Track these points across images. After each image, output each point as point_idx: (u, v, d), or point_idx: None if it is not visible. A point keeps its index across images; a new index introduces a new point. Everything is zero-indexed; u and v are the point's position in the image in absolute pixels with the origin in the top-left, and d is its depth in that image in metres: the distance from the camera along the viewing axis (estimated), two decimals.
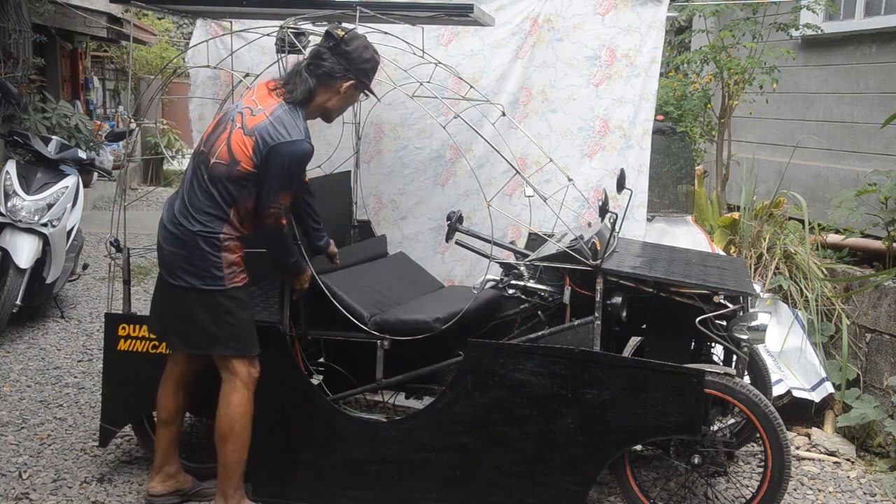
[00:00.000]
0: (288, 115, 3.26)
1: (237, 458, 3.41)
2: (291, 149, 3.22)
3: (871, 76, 6.47)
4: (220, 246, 3.28)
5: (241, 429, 3.39)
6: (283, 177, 3.24)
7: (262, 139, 3.21)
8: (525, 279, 3.55)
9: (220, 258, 3.28)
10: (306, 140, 3.27)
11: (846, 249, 5.49)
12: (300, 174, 3.38)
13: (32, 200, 5.87)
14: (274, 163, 3.22)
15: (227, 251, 3.30)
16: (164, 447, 3.59)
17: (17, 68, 8.40)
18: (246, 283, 3.40)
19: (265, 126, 3.22)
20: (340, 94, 3.38)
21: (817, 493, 4.03)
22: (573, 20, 4.53)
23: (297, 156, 3.25)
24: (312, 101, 3.37)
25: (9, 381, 5.10)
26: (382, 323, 3.57)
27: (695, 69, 6.56)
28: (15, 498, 3.71)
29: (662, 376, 3.28)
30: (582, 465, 3.36)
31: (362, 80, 3.38)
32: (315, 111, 3.43)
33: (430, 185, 4.78)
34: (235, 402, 3.37)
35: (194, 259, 3.28)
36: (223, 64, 4.34)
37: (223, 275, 3.30)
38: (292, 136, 3.22)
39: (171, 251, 3.33)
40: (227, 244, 3.30)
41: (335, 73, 3.33)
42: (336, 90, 3.36)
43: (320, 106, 3.41)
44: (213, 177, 3.26)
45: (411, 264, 4.40)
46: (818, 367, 4.70)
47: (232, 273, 3.32)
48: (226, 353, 3.37)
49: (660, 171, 5.43)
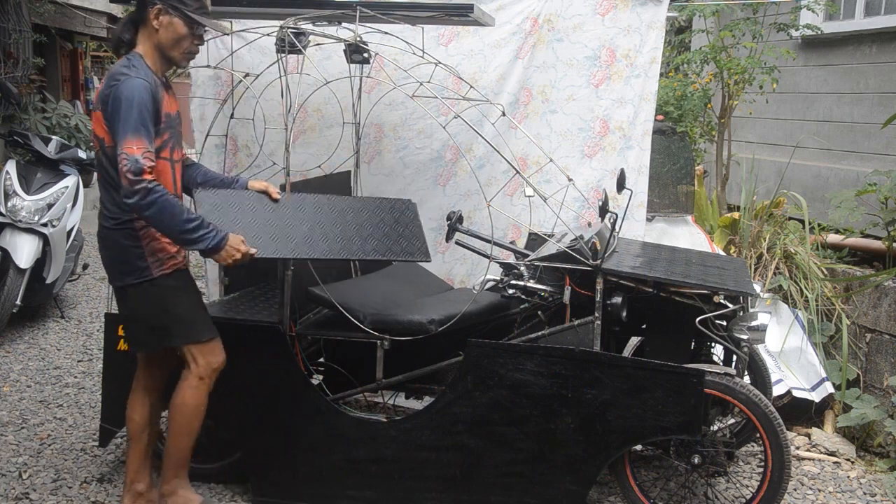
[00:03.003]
0: (117, 66, 3.11)
1: (181, 447, 3.33)
2: (117, 86, 3.02)
3: (871, 76, 6.47)
4: (137, 235, 3.16)
5: (189, 420, 3.29)
6: (121, 119, 2.98)
7: (100, 100, 3.09)
8: (525, 279, 3.55)
9: (142, 247, 3.17)
10: (135, 76, 3.03)
11: (846, 249, 5.49)
12: (140, 112, 3.01)
13: (32, 200, 5.87)
14: (107, 110, 3.04)
15: (149, 238, 3.17)
16: (131, 462, 3.45)
17: (17, 68, 8.41)
18: (179, 269, 3.27)
19: (101, 88, 3.11)
20: (158, 27, 3.14)
21: (817, 493, 4.03)
22: (573, 20, 4.54)
23: (123, 91, 3.00)
24: (141, 46, 3.17)
25: (9, 381, 5.10)
26: (379, 323, 3.57)
27: (695, 69, 6.56)
28: (15, 498, 3.71)
29: (662, 376, 3.28)
30: (582, 465, 3.36)
31: (169, 2, 3.12)
32: (156, 58, 3.19)
33: (430, 185, 4.78)
34: (186, 393, 3.28)
35: (117, 255, 3.20)
36: (223, 64, 4.35)
37: (148, 264, 3.17)
38: (119, 79, 3.04)
39: (103, 256, 3.27)
40: (146, 231, 3.16)
41: (144, 5, 3.14)
42: (151, 24, 3.14)
43: (152, 49, 3.18)
44: (101, 166, 3.17)
45: (417, 269, 4.40)
46: (818, 367, 4.70)
47: (158, 261, 3.19)
48: (174, 343, 3.25)
49: (660, 171, 5.43)
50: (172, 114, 3.26)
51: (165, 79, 3.28)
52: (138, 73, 3.06)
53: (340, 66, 4.28)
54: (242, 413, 3.61)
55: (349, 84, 4.41)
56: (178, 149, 3.32)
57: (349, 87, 4.42)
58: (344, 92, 4.42)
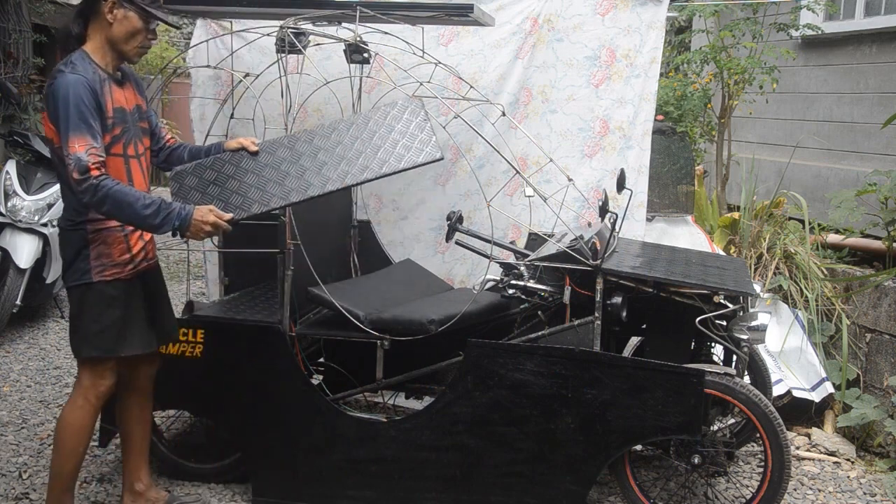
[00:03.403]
0: (61, 64, 3.01)
1: (61, 467, 3.22)
2: (52, 85, 2.95)
3: (871, 76, 6.47)
4: (87, 238, 3.10)
5: (70, 439, 3.19)
6: (60, 118, 2.91)
7: (45, 100, 3.01)
8: (525, 279, 3.55)
9: (89, 250, 3.10)
10: (69, 73, 2.95)
11: (846, 249, 5.49)
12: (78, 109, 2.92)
13: (32, 200, 5.87)
14: (49, 107, 2.97)
15: (98, 242, 3.11)
16: (128, 462, 3.46)
17: (17, 68, 8.40)
18: (120, 279, 3.16)
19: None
20: (113, 20, 3.05)
21: (817, 493, 4.03)
22: (573, 20, 4.54)
23: (58, 89, 2.93)
24: (90, 41, 3.09)
25: (9, 381, 5.10)
26: (379, 323, 3.57)
27: (695, 69, 6.56)
28: (15, 498, 3.71)
29: (662, 376, 3.28)
30: (582, 465, 3.36)
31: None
32: (106, 52, 3.10)
33: (430, 185, 4.78)
34: (69, 412, 3.20)
35: (67, 256, 3.14)
36: (223, 64, 4.35)
37: (90, 267, 3.10)
38: (55, 77, 2.96)
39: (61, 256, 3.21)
40: (97, 235, 3.11)
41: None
42: (104, 17, 3.06)
43: (103, 43, 3.09)
44: (56, 166, 3.11)
45: (417, 269, 4.40)
46: (818, 367, 4.70)
47: (101, 266, 3.11)
48: (90, 355, 3.15)
49: (660, 171, 5.43)
50: (128, 108, 3.17)
51: (119, 73, 3.19)
52: (74, 69, 2.98)
53: (340, 66, 4.28)
54: (242, 413, 3.61)
55: (349, 84, 4.41)
56: (138, 144, 3.22)
57: (349, 87, 4.43)
58: (344, 92, 4.42)
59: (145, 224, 3.00)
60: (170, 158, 3.46)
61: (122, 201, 2.92)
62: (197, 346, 3.59)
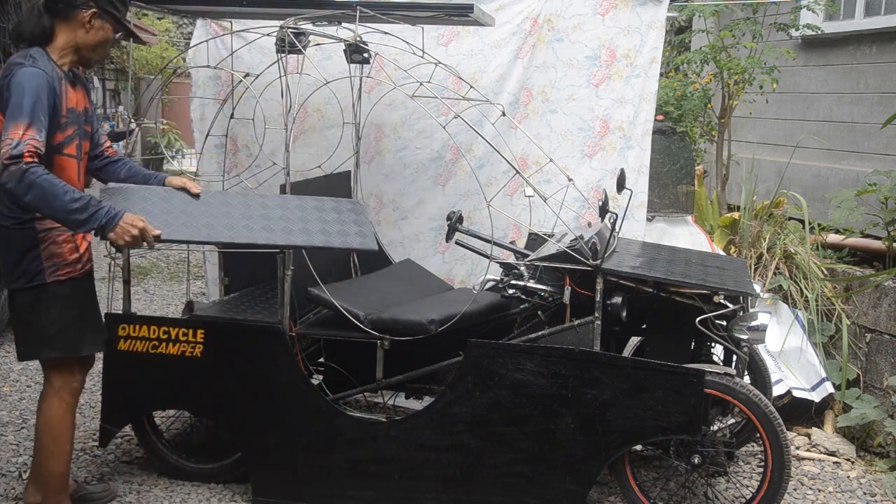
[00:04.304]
0: (14, 57, 2.99)
1: (51, 469, 3.23)
2: (13, 75, 2.92)
3: (871, 76, 6.48)
4: (37, 238, 3.05)
5: (54, 441, 3.20)
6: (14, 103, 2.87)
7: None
8: (525, 279, 3.55)
9: (39, 250, 3.05)
10: (30, 66, 2.93)
11: (846, 249, 5.49)
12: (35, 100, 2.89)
13: None
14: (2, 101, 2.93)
15: (48, 242, 3.07)
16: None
17: None
18: (74, 277, 3.14)
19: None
20: (86, 27, 3.06)
21: (817, 493, 4.03)
22: (573, 20, 4.54)
23: (21, 79, 2.89)
24: (54, 40, 3.07)
25: (9, 381, 5.10)
26: (378, 322, 3.57)
27: (695, 69, 6.56)
28: (15, 498, 3.71)
29: (662, 376, 3.28)
30: (582, 465, 3.36)
31: (106, 9, 3.09)
32: (67, 52, 3.10)
33: (430, 185, 4.78)
34: (46, 413, 3.20)
35: (13, 256, 3.07)
36: (223, 64, 4.35)
37: (42, 268, 3.06)
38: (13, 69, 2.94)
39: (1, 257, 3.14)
40: (48, 235, 3.06)
41: (76, 3, 3.04)
42: (80, 23, 3.06)
43: (69, 45, 3.09)
44: None
45: (417, 269, 4.40)
46: (818, 367, 4.70)
47: (53, 266, 3.08)
48: (50, 356, 3.15)
49: (660, 171, 5.43)
50: (78, 109, 3.16)
51: (73, 74, 3.17)
52: (35, 63, 2.96)
53: (340, 66, 4.28)
54: (242, 413, 3.61)
55: (349, 84, 4.41)
56: (82, 146, 3.20)
57: (349, 87, 4.43)
58: (344, 92, 4.43)
59: (69, 218, 2.91)
60: (106, 169, 3.44)
61: (49, 191, 2.83)
62: (197, 346, 3.59)
